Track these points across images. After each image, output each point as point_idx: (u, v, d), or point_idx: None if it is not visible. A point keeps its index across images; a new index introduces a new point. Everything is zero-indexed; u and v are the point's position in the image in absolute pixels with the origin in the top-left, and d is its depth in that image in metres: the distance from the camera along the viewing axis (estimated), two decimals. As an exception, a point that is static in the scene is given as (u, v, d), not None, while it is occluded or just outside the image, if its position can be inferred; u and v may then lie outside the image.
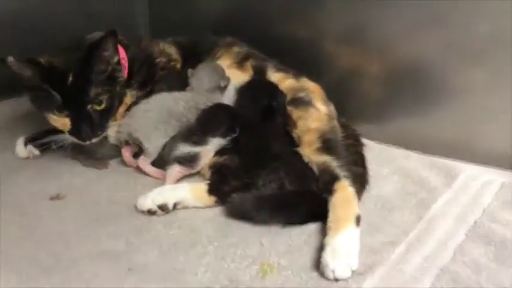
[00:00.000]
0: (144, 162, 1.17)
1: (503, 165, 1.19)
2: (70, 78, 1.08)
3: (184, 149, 1.13)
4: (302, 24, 1.48)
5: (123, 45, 1.23)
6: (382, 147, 1.30)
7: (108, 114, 1.15)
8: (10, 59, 1.06)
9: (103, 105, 1.13)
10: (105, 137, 1.20)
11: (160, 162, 1.16)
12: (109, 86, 1.13)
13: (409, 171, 1.19)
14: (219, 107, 1.21)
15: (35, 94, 1.12)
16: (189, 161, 1.13)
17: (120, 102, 1.20)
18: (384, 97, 1.40)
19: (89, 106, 1.11)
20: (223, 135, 1.15)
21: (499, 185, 1.12)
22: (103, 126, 1.15)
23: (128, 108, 1.22)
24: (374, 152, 1.26)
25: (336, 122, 1.23)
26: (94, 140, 1.14)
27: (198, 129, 1.15)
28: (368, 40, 1.36)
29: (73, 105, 1.10)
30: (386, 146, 1.31)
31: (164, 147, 1.16)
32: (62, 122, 1.12)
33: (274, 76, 1.31)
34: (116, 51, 1.15)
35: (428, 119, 1.31)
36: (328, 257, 0.87)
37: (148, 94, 1.25)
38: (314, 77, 1.33)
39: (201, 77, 1.26)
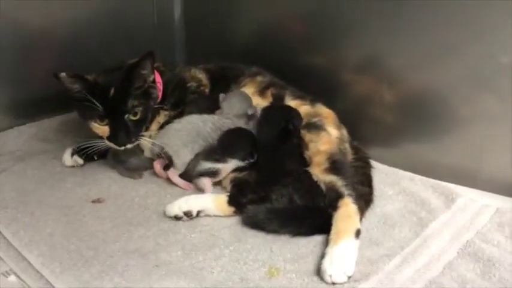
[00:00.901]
0: (173, 174, 1.32)
1: (501, 191, 1.28)
2: (112, 92, 1.26)
3: (205, 165, 1.28)
4: (321, 55, 1.60)
5: (159, 71, 1.41)
6: (390, 170, 1.41)
7: (141, 124, 1.32)
8: (62, 74, 1.25)
9: (138, 116, 1.30)
10: (141, 150, 1.37)
11: (186, 176, 1.32)
12: (144, 100, 1.31)
13: (412, 193, 1.29)
14: (240, 132, 1.34)
15: (81, 105, 1.29)
16: (210, 174, 1.29)
17: (153, 117, 1.36)
18: (394, 123, 1.49)
19: (126, 116, 1.28)
20: (242, 159, 1.30)
21: (495, 209, 1.21)
22: (137, 135, 1.31)
23: (161, 127, 1.38)
24: (382, 173, 1.37)
25: (347, 145, 1.35)
26: (128, 146, 1.30)
27: (220, 150, 1.30)
28: (381, 69, 1.46)
29: (112, 115, 1.27)
30: (394, 169, 1.41)
31: (189, 163, 1.31)
32: (102, 129, 1.30)
33: (292, 103, 1.44)
34: (152, 71, 1.32)
35: (435, 145, 1.40)
36: (326, 263, 1.00)
37: (179, 114, 1.41)
38: (331, 102, 1.44)
39: (233, 102, 1.40)
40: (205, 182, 1.29)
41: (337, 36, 1.54)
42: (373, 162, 1.39)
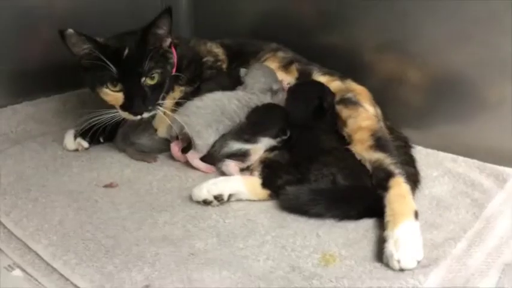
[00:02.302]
0: (193, 156, 1.17)
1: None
2: (126, 52, 1.11)
3: (234, 145, 1.14)
4: (342, 34, 1.49)
5: (173, 44, 1.26)
6: (428, 151, 1.29)
7: (159, 90, 1.16)
8: (69, 31, 1.08)
9: (155, 80, 1.14)
10: (154, 129, 1.21)
11: (210, 160, 1.17)
12: (161, 63, 1.16)
13: (458, 174, 1.18)
14: (272, 108, 1.22)
15: (89, 68, 1.13)
16: (239, 156, 1.14)
17: (169, 88, 1.21)
18: (423, 104, 1.38)
19: (143, 79, 1.13)
20: (274, 137, 1.16)
21: (551, 188, 1.11)
22: (154, 103, 1.15)
23: (177, 104, 1.23)
24: (421, 155, 1.26)
25: (382, 124, 1.23)
26: (145, 115, 1.15)
27: (250, 129, 1.17)
28: (408, 49, 1.36)
29: (127, 78, 1.11)
30: (432, 150, 1.30)
31: (214, 145, 1.17)
32: (115, 96, 1.14)
33: (321, 78, 1.32)
34: (170, 32, 1.18)
35: (467, 126, 1.30)
36: (391, 247, 0.87)
37: (196, 90, 1.27)
38: (356, 82, 1.34)
39: (257, 76, 1.27)
40: (231, 166, 1.14)
41: (355, 15, 1.43)
42: (409, 143, 1.28)
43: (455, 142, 1.31)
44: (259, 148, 1.16)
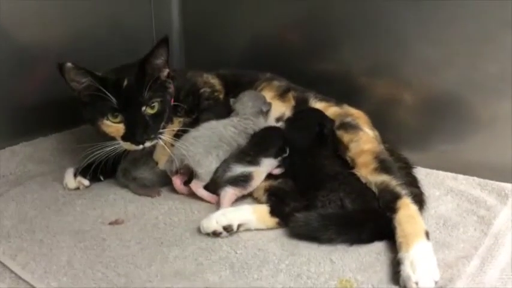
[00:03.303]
0: (196, 186, 1.16)
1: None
2: (125, 82, 1.11)
3: (237, 169, 1.14)
4: (334, 60, 1.52)
5: (170, 75, 1.27)
6: (428, 171, 1.31)
7: (160, 119, 1.16)
8: (68, 64, 1.08)
9: (156, 109, 1.15)
10: (155, 162, 1.21)
11: (213, 187, 1.16)
12: (161, 92, 1.16)
13: (461, 192, 1.20)
14: (270, 129, 1.25)
15: (89, 101, 1.12)
16: (242, 181, 1.14)
17: (170, 117, 1.22)
18: (419, 125, 1.42)
19: (143, 108, 1.13)
20: (275, 156, 1.18)
21: (552, 201, 1.13)
22: (155, 131, 1.15)
23: (176, 135, 1.23)
24: (421, 175, 1.27)
25: (383, 146, 1.24)
26: (147, 144, 1.14)
27: (251, 150, 1.18)
28: (401, 71, 1.39)
29: (128, 108, 1.11)
30: (431, 170, 1.32)
31: (217, 171, 1.17)
32: (116, 127, 1.13)
33: (317, 105, 1.34)
34: (167, 63, 1.19)
35: (468, 144, 1.33)
36: (408, 269, 0.87)
37: (194, 121, 1.27)
38: (350, 105, 1.36)
39: (244, 102, 1.29)
40: (228, 194, 1.13)
41: (347, 40, 1.46)
42: (408, 165, 1.29)
43: (453, 161, 1.33)
44: (262, 171, 1.16)
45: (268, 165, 1.18)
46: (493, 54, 1.24)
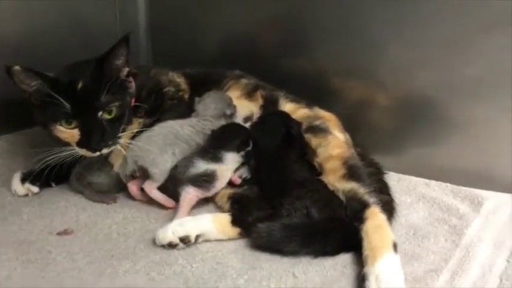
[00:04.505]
0: (150, 187, 1.09)
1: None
2: (80, 85, 1.03)
3: (200, 165, 1.07)
4: (307, 60, 1.46)
5: (132, 74, 1.19)
6: (400, 176, 1.26)
7: (118, 124, 1.09)
8: (16, 68, 1.00)
9: (113, 114, 1.07)
10: (111, 166, 1.13)
11: (174, 185, 1.09)
12: (120, 94, 1.08)
13: (433, 199, 1.15)
14: (230, 125, 1.20)
15: (40, 105, 1.04)
16: (205, 181, 1.07)
17: (130, 119, 1.14)
18: (393, 128, 1.37)
19: (100, 113, 1.05)
20: (238, 149, 1.12)
21: (528, 209, 1.09)
22: (114, 137, 1.07)
23: (134, 137, 1.15)
24: (393, 180, 1.23)
25: (353, 150, 1.19)
26: (104, 151, 1.06)
27: (211, 146, 1.12)
28: (375, 74, 1.34)
29: (82, 114, 1.03)
30: (403, 175, 1.27)
31: (177, 167, 1.10)
32: (70, 133, 1.05)
33: (287, 106, 1.28)
34: (127, 62, 1.11)
35: (443, 149, 1.28)
36: (373, 285, 0.82)
37: (155, 122, 1.19)
38: (323, 109, 1.30)
39: (207, 103, 1.23)
40: (189, 196, 1.05)
41: (321, 41, 1.41)
42: (380, 169, 1.24)
43: (427, 166, 1.29)
44: (226, 169, 1.10)
45: (231, 161, 1.11)
46: (470, 56, 1.19)
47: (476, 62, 1.18)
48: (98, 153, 1.06)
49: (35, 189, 1.14)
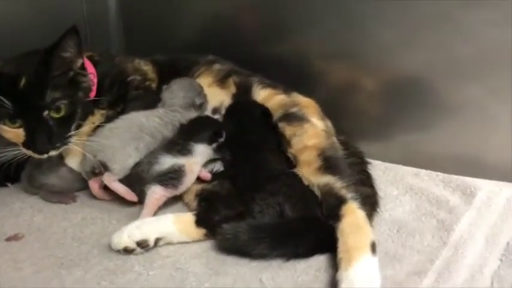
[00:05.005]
0: (110, 179, 0.99)
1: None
2: (23, 82, 0.93)
3: (166, 160, 0.98)
4: (286, 43, 1.35)
5: (92, 61, 1.10)
6: (387, 166, 1.17)
7: (68, 123, 0.99)
8: None
9: (62, 113, 0.97)
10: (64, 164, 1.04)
11: (138, 184, 0.99)
12: (70, 90, 0.98)
13: (421, 190, 1.05)
14: (202, 116, 1.11)
15: None
16: (172, 178, 0.97)
17: (86, 114, 1.04)
18: (380, 113, 1.26)
19: (45, 113, 0.95)
20: (209, 141, 1.03)
21: (523, 199, 0.99)
22: (63, 138, 0.98)
23: (96, 129, 1.06)
24: (378, 171, 1.13)
25: (335, 139, 1.09)
26: (52, 153, 0.97)
27: (180, 138, 1.03)
28: (358, 55, 1.24)
29: (27, 113, 0.94)
30: (391, 164, 1.17)
31: (141, 164, 1.00)
32: (14, 133, 0.96)
33: (262, 93, 1.17)
34: (79, 52, 1.01)
35: (429, 134, 1.18)
36: (345, 293, 0.72)
37: (119, 114, 1.10)
38: (305, 94, 1.20)
39: (174, 91, 1.13)
40: (151, 194, 0.96)
41: (300, 22, 1.29)
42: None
43: (416, 153, 1.19)
44: (195, 163, 1.00)
45: (201, 153, 1.02)
46: (458, 34, 1.09)
47: (466, 40, 1.08)
48: (45, 156, 0.96)
49: None
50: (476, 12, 1.04)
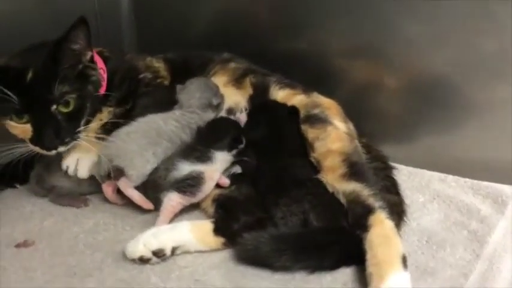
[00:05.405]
0: (126, 185, 0.94)
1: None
2: (30, 75, 0.90)
3: (184, 167, 0.94)
4: (306, 39, 1.29)
5: (103, 57, 1.06)
6: (411, 170, 1.12)
7: (77, 118, 0.95)
8: None
9: (70, 107, 0.93)
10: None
11: (154, 190, 0.95)
12: (79, 84, 0.95)
13: (449, 198, 1.00)
14: (219, 119, 1.06)
15: None
16: (190, 185, 0.93)
17: (94, 110, 1.00)
18: (403, 115, 1.21)
19: (54, 107, 0.92)
20: (229, 148, 0.98)
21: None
22: (71, 133, 0.94)
23: (105, 128, 1.02)
24: (403, 176, 1.08)
25: (357, 143, 1.04)
26: (61, 149, 0.94)
27: (199, 144, 0.98)
28: (382, 53, 1.18)
29: (34, 107, 0.91)
30: (416, 169, 1.12)
31: (157, 170, 0.96)
32: (22, 129, 0.93)
33: (280, 93, 1.12)
34: (88, 44, 0.97)
35: (460, 137, 1.13)
36: (378, 312, 0.67)
37: (128, 112, 1.06)
38: (324, 93, 1.15)
39: (191, 91, 1.08)
40: (168, 201, 0.92)
41: (321, 16, 1.24)
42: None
43: (442, 157, 1.14)
44: (214, 171, 0.96)
45: (221, 161, 0.97)
46: (490, 31, 1.03)
47: (496, 36, 1.03)
48: (53, 152, 0.93)
49: None
50: (505, 9, 0.99)
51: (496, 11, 1.01)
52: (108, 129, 1.00)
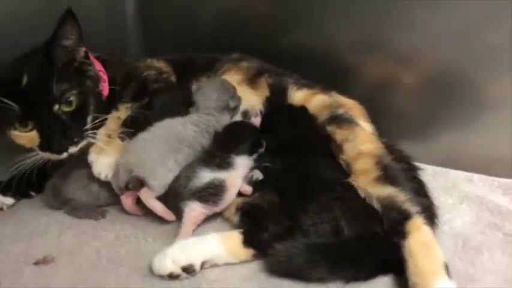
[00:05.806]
0: (147, 195, 0.90)
1: None
2: (25, 79, 0.87)
3: (205, 174, 0.90)
4: (317, 35, 1.25)
5: (101, 60, 1.03)
6: (436, 170, 1.09)
7: (82, 116, 0.92)
8: None
9: (74, 105, 0.90)
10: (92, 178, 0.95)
11: (174, 199, 0.91)
12: (77, 80, 0.92)
13: (479, 199, 0.98)
14: (238, 123, 1.04)
15: None
16: (212, 194, 0.89)
17: (101, 107, 0.96)
18: (423, 111, 1.17)
19: (56, 107, 0.88)
20: (250, 152, 0.94)
21: None
22: (79, 132, 0.91)
23: (125, 125, 0.98)
24: (428, 176, 1.05)
25: (381, 144, 1.00)
26: (71, 150, 0.90)
27: (217, 149, 0.94)
28: (398, 49, 1.14)
29: (36, 111, 0.88)
30: (440, 168, 1.09)
31: (178, 178, 0.92)
32: (28, 137, 0.89)
33: (298, 94, 1.08)
34: (81, 39, 0.93)
35: (483, 134, 1.10)
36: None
37: (146, 106, 1.02)
38: (336, 92, 1.11)
39: (207, 93, 1.04)
40: (189, 212, 0.88)
41: (332, 12, 1.20)
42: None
43: (466, 156, 1.11)
44: (236, 177, 0.92)
45: (242, 166, 0.94)
46: (508, 27, 0.99)
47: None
48: (65, 154, 0.89)
49: (9, 201, 0.99)
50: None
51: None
52: (129, 126, 0.96)
